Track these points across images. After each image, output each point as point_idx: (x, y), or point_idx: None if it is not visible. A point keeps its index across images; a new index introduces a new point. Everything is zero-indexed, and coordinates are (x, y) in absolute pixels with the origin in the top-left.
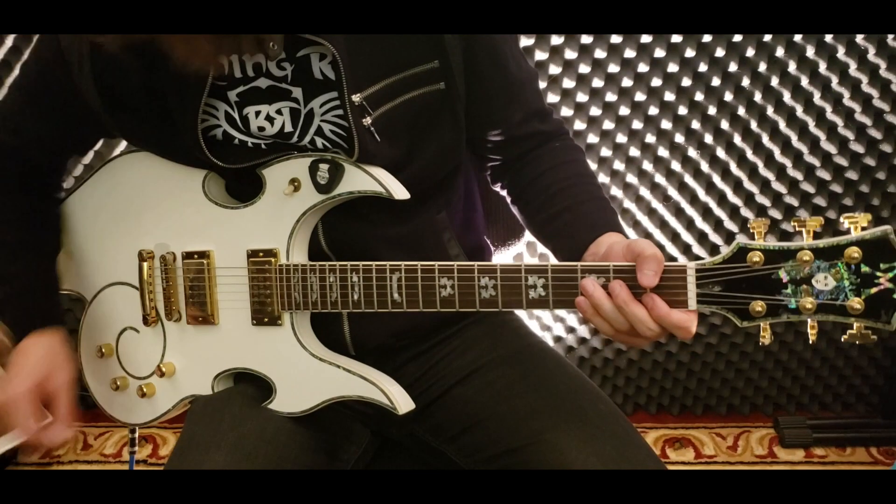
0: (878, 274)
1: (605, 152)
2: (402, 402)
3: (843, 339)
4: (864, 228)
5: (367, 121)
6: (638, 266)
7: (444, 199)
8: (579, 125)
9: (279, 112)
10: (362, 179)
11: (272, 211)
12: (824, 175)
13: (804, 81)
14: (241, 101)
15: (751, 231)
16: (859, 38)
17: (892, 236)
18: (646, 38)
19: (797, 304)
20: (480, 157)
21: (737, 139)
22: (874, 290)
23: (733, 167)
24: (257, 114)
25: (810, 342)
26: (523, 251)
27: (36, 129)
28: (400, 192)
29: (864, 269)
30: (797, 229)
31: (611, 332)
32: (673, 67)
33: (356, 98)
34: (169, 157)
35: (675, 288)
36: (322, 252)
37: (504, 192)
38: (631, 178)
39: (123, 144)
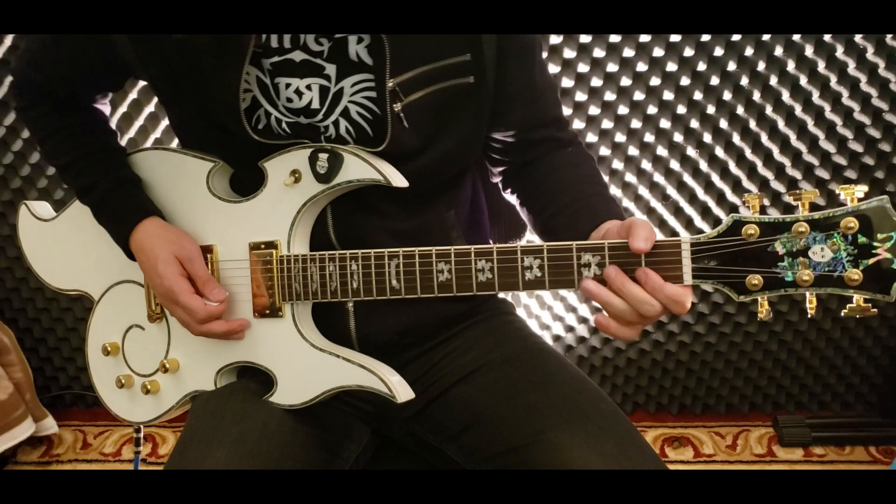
0: (876, 244)
1: (605, 151)
2: (402, 392)
3: (843, 314)
4: (860, 199)
5: (398, 107)
6: (630, 235)
7: (451, 197)
8: (578, 124)
9: (309, 87)
10: (361, 168)
11: (274, 203)
12: (823, 174)
13: (803, 80)
14: (274, 70)
15: (745, 205)
16: (858, 38)
17: (889, 206)
18: (644, 38)
19: (794, 276)
20: (492, 160)
21: (735, 138)
22: (872, 260)
23: (732, 166)
24: (287, 86)
25: (809, 316)
26: None
27: (62, 69)
28: (398, 181)
29: (862, 239)
30: (794, 202)
31: (624, 323)
32: (672, 66)
33: (390, 83)
34: (191, 118)
35: (669, 263)
36: (331, 245)
37: (514, 197)
38: (630, 177)
39: (123, 142)
